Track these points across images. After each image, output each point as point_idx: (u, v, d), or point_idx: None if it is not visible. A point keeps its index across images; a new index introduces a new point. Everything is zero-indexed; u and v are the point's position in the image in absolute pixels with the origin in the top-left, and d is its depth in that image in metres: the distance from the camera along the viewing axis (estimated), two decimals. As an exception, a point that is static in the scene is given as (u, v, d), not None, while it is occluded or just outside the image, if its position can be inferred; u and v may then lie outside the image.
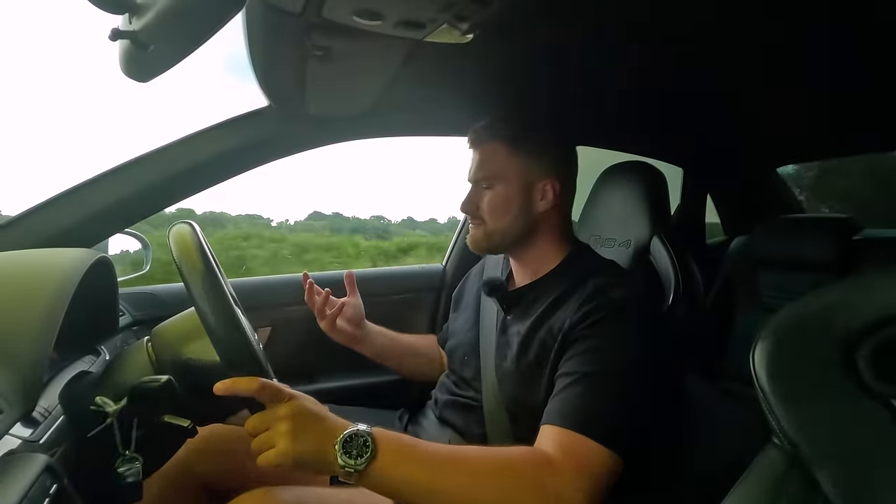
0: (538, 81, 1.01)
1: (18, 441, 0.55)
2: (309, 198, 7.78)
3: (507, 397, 0.86)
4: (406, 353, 1.14)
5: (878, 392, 0.36)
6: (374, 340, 1.08)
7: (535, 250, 0.91)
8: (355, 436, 0.60)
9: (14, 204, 5.39)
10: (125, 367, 0.72)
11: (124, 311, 1.10)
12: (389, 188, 8.47)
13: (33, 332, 0.51)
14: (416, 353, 1.15)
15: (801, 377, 0.39)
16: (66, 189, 0.91)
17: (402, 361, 1.13)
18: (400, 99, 1.01)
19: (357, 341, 1.06)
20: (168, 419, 0.68)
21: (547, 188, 0.87)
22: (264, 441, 0.60)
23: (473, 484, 0.61)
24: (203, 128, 0.99)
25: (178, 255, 0.63)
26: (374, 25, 0.60)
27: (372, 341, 1.08)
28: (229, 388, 0.59)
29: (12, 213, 0.90)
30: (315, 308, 1.02)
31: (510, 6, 0.57)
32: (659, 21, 0.73)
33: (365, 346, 1.07)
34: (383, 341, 1.10)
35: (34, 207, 0.90)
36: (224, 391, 0.59)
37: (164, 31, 0.58)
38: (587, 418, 0.68)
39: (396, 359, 1.12)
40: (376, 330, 1.10)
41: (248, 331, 0.68)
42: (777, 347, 0.40)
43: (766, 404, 0.40)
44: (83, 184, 0.92)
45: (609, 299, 0.77)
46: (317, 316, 1.03)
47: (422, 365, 1.14)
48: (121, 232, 1.02)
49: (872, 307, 0.37)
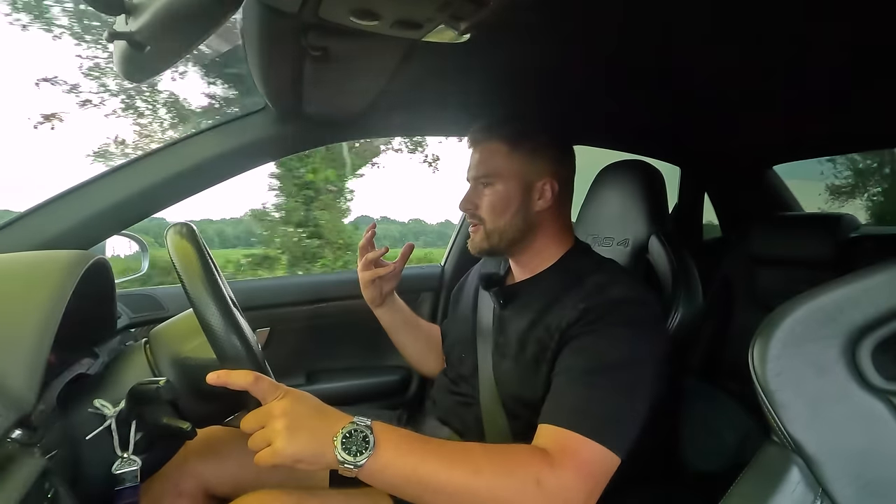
0: (535, 81, 1.01)
1: (16, 444, 0.55)
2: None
3: (505, 395, 0.86)
4: (418, 338, 1.13)
5: (880, 387, 0.37)
6: (393, 313, 1.08)
7: (534, 249, 0.91)
8: (355, 431, 0.59)
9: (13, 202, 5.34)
10: (123, 369, 0.72)
11: (122, 313, 1.09)
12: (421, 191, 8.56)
13: (30, 334, 0.51)
14: (428, 340, 1.15)
15: (801, 374, 0.39)
16: (62, 191, 0.91)
17: (413, 344, 1.13)
18: (397, 99, 1.01)
19: (378, 304, 1.06)
20: (167, 421, 0.68)
21: (545, 188, 0.87)
22: (260, 439, 0.59)
23: (472, 480, 0.61)
24: (201, 129, 0.99)
25: (176, 256, 0.63)
26: (371, 25, 0.60)
27: (391, 312, 1.08)
28: (223, 378, 0.59)
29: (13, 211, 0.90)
30: (364, 258, 1.02)
31: (507, 6, 0.57)
32: (655, 20, 0.73)
33: (383, 313, 1.08)
34: (402, 317, 1.10)
35: (31, 209, 0.90)
36: (217, 381, 0.58)
37: (160, 31, 0.58)
38: (585, 417, 0.68)
39: (406, 338, 1.12)
40: (400, 305, 1.10)
41: (247, 332, 0.68)
42: (776, 345, 0.40)
43: (765, 402, 0.40)
44: (80, 186, 0.92)
45: (607, 297, 0.77)
46: (362, 266, 1.03)
47: (429, 354, 1.14)
48: (118, 234, 1.02)
49: (872, 303, 0.37)
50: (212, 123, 0.99)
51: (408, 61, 0.76)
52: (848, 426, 0.37)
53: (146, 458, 0.68)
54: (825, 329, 0.39)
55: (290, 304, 1.28)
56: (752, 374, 0.41)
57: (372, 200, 7.78)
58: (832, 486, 0.36)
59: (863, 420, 0.37)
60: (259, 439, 0.59)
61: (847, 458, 0.37)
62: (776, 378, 0.39)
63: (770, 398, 0.39)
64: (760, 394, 0.40)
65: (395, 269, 1.03)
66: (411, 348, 1.13)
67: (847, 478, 0.36)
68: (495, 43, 0.77)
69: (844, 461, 0.37)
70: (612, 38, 0.80)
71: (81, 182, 0.92)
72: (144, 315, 1.15)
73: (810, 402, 0.38)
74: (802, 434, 0.38)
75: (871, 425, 0.36)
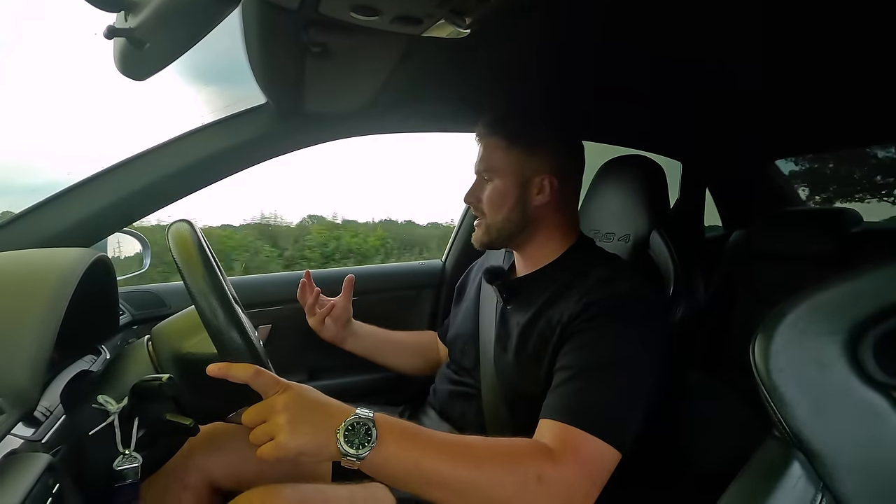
0: (535, 76, 1.01)
1: (21, 441, 0.56)
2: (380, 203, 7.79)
3: (506, 388, 0.87)
4: (397, 351, 1.16)
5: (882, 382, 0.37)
6: (360, 340, 1.12)
7: (536, 243, 0.91)
8: (357, 424, 0.59)
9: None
10: (126, 365, 0.72)
11: (124, 310, 1.10)
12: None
13: (33, 332, 0.51)
14: (409, 351, 1.17)
15: (803, 369, 0.39)
16: (63, 189, 0.91)
17: (393, 359, 1.16)
18: (398, 95, 1.01)
19: (342, 340, 1.10)
20: (170, 417, 0.68)
21: (544, 183, 0.87)
22: (263, 433, 0.58)
23: (474, 472, 0.61)
24: (201, 125, 0.99)
25: (177, 253, 0.63)
26: (371, 21, 0.60)
27: (358, 341, 1.11)
28: (224, 370, 0.59)
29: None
30: (306, 305, 1.07)
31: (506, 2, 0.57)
32: (655, 14, 0.73)
33: (351, 345, 1.11)
34: (372, 341, 1.14)
35: (32, 207, 0.90)
36: (218, 373, 0.59)
37: (160, 28, 0.58)
38: (586, 413, 0.68)
39: (386, 357, 1.16)
40: (365, 330, 1.13)
41: (249, 328, 0.68)
42: (778, 340, 0.40)
43: (766, 397, 0.40)
44: (80, 183, 0.92)
45: (610, 292, 0.77)
46: (307, 312, 1.08)
47: (416, 362, 1.17)
48: (119, 231, 1.02)
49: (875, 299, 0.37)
50: (213, 120, 0.99)
51: (408, 57, 0.76)
52: (850, 421, 0.37)
53: (148, 454, 0.69)
54: (827, 325, 0.38)
55: (291, 300, 1.28)
56: (753, 369, 0.41)
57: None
58: (834, 481, 0.36)
59: (865, 415, 0.37)
60: (261, 433, 0.58)
61: (849, 452, 0.37)
62: (778, 373, 0.39)
63: (772, 393, 0.39)
64: (762, 389, 0.40)
65: (340, 303, 1.07)
66: (395, 363, 1.16)
67: (849, 472, 0.36)
68: (495, 38, 0.77)
69: (846, 456, 0.37)
70: (611, 33, 0.80)
71: (83, 179, 0.92)
72: (146, 312, 1.15)
73: (812, 398, 0.38)
74: (804, 429, 0.38)
75: (873, 420, 0.36)
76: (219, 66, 4.60)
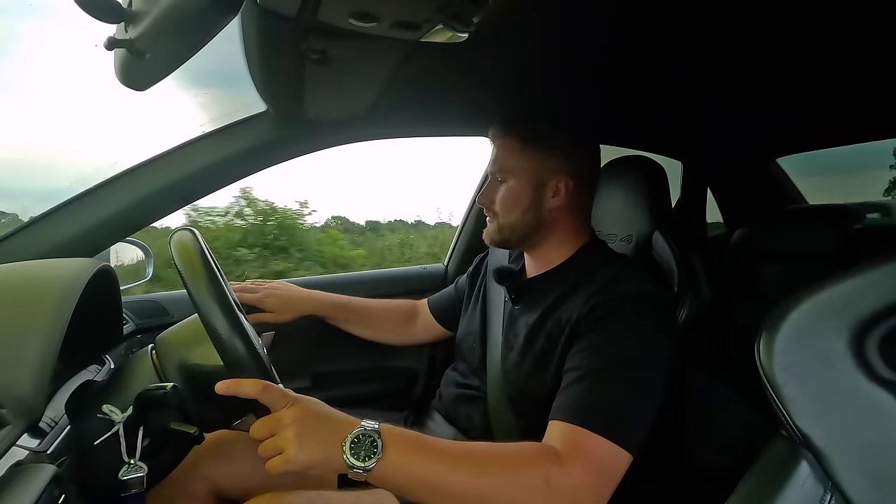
0: (535, 78, 1.01)
1: (26, 452, 0.56)
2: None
3: (512, 389, 0.86)
4: (356, 319, 1.17)
5: (889, 380, 0.36)
6: (311, 307, 1.13)
7: (548, 245, 0.91)
8: (363, 436, 0.59)
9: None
10: (130, 375, 0.72)
11: (128, 319, 1.10)
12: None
13: (37, 342, 0.52)
14: (390, 316, 1.20)
15: (808, 368, 0.38)
16: (66, 199, 0.91)
17: (353, 327, 1.18)
18: (399, 100, 1.01)
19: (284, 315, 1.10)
20: (174, 426, 0.68)
21: (560, 186, 0.87)
22: (271, 447, 0.59)
23: (481, 480, 0.61)
24: (202, 134, 0.99)
25: (180, 262, 0.63)
26: (369, 27, 0.60)
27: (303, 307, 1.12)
28: (231, 387, 0.59)
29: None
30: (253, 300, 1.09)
31: (505, 4, 0.57)
32: (655, 14, 0.73)
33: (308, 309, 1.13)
34: (327, 304, 1.15)
35: (35, 218, 0.90)
36: (226, 391, 0.59)
37: (160, 38, 0.58)
38: (595, 414, 0.67)
39: (348, 324, 1.17)
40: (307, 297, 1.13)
41: (253, 336, 0.68)
42: (782, 339, 0.40)
43: (772, 396, 0.39)
44: (83, 194, 0.92)
45: (618, 292, 0.77)
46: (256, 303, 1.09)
47: (382, 328, 1.19)
48: (122, 241, 1.02)
49: (879, 295, 0.37)
50: (213, 128, 0.99)
51: (408, 62, 0.76)
52: (857, 419, 0.37)
53: (153, 463, 0.69)
54: (832, 322, 0.38)
55: None
56: (759, 368, 0.40)
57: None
58: (842, 480, 0.36)
59: (872, 412, 0.36)
60: (270, 447, 0.59)
61: (857, 450, 0.36)
62: (783, 372, 0.39)
63: (777, 392, 0.39)
64: (768, 388, 0.40)
65: (256, 288, 1.10)
66: (363, 332, 1.18)
67: (857, 470, 0.36)
68: (495, 42, 0.77)
69: (854, 454, 0.36)
70: (611, 34, 0.80)
71: (84, 190, 0.92)
72: (149, 321, 1.15)
73: (818, 396, 0.38)
74: (811, 428, 0.37)
75: (881, 417, 0.36)
76: (222, 72, 4.63)
